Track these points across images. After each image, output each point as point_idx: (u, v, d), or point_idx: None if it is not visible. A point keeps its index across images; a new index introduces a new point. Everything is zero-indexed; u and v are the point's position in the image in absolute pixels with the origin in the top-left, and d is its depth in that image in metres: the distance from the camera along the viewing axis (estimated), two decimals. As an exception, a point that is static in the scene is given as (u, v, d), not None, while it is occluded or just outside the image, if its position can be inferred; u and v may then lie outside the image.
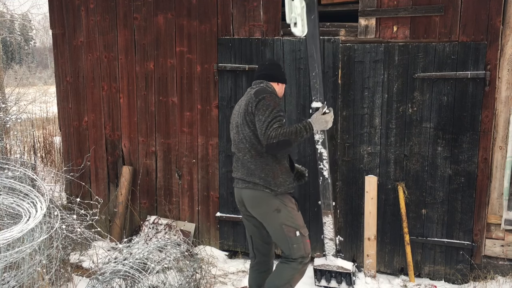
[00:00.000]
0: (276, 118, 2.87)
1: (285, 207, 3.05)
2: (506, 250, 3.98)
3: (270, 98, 2.92)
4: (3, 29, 23.06)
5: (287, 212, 3.05)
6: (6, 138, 7.13)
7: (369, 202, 4.13)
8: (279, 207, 3.03)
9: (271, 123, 2.84)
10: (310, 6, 2.36)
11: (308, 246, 3.12)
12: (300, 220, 3.13)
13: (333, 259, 3.87)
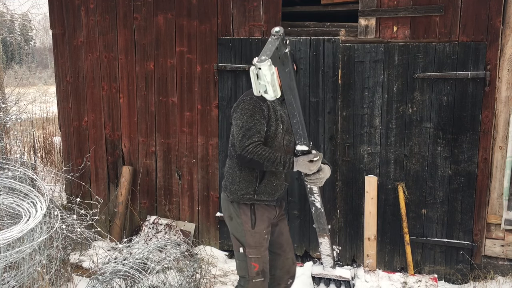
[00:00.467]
0: (252, 129, 2.55)
1: (237, 217, 2.76)
2: (506, 250, 3.98)
3: (250, 102, 2.59)
4: (3, 29, 23.07)
5: (236, 224, 2.78)
6: (6, 138, 7.13)
7: (369, 202, 4.13)
8: (231, 214, 2.80)
9: (248, 133, 2.54)
10: (283, 60, 2.11)
11: (252, 269, 2.73)
12: (252, 238, 2.73)
13: (331, 269, 3.83)
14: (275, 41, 2.00)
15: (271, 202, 2.81)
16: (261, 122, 2.58)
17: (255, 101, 2.57)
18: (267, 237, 2.81)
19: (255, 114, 2.57)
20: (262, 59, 1.91)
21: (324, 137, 4.24)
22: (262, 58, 1.91)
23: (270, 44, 2.00)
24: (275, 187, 2.78)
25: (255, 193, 2.72)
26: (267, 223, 2.79)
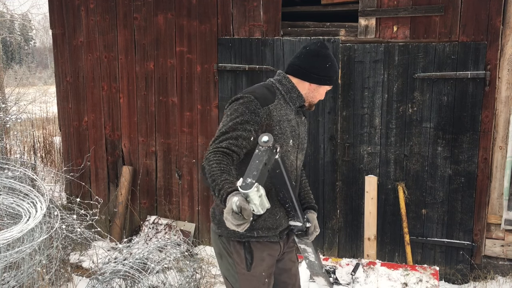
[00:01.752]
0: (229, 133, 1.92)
1: (228, 256, 2.13)
2: (506, 250, 3.98)
3: (246, 102, 1.98)
4: (3, 29, 23.07)
5: (227, 264, 2.15)
6: (6, 138, 7.13)
7: (369, 202, 4.13)
8: (221, 252, 2.16)
9: (222, 137, 1.93)
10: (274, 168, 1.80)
11: None
12: (247, 283, 2.12)
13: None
14: (262, 155, 1.67)
15: (273, 238, 2.15)
16: (247, 129, 1.93)
17: (251, 101, 1.97)
18: (268, 281, 2.18)
19: (244, 116, 1.94)
20: (247, 183, 1.59)
21: (324, 137, 4.24)
22: (247, 181, 1.59)
23: (257, 159, 1.67)
24: (278, 221, 2.12)
25: (250, 229, 2.05)
26: (268, 264, 2.16)
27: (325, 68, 2.10)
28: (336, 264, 3.90)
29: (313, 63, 2.10)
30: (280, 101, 2.08)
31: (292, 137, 2.09)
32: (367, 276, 4.02)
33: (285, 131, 2.05)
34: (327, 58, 2.11)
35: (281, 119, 2.04)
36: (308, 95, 2.16)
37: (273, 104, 2.03)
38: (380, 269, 4.03)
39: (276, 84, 2.13)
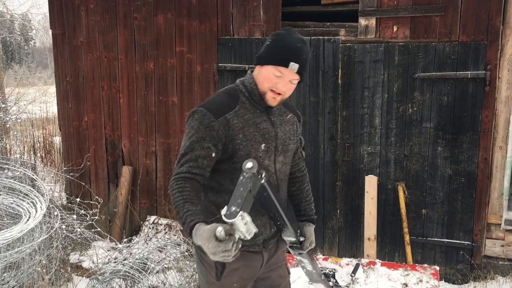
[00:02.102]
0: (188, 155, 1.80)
1: (201, 264, 2.01)
2: (506, 250, 3.98)
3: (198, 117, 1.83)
4: (3, 29, 23.07)
5: (200, 272, 2.04)
6: (6, 138, 7.13)
7: (369, 202, 4.13)
8: (196, 259, 2.06)
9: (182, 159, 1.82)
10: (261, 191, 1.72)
11: None
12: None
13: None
14: (247, 182, 1.58)
15: (253, 247, 1.96)
16: (204, 146, 1.79)
17: (204, 115, 1.82)
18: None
19: (199, 133, 1.80)
20: (232, 211, 1.50)
21: (324, 137, 4.24)
22: (232, 210, 1.51)
23: (242, 186, 1.58)
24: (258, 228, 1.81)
25: None
26: (242, 275, 1.97)
27: (268, 45, 1.84)
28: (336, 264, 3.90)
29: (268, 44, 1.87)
30: (245, 105, 1.89)
31: (265, 140, 1.89)
32: (367, 277, 4.02)
33: (252, 136, 1.86)
34: (278, 36, 1.84)
35: (245, 125, 1.86)
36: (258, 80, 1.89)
37: (232, 111, 1.85)
38: (380, 269, 4.03)
39: (240, 86, 1.96)
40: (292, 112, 2.09)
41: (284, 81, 1.83)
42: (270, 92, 1.85)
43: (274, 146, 1.93)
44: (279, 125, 1.97)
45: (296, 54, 1.81)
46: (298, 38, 1.84)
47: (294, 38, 1.83)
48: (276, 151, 1.94)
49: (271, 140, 1.91)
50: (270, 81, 1.83)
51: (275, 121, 1.95)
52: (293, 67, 1.79)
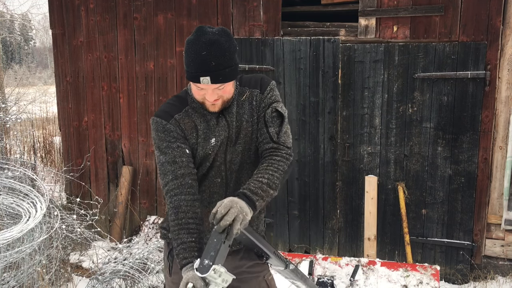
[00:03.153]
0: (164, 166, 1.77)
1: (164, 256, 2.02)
2: (506, 250, 3.98)
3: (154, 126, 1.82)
4: (3, 29, 23.07)
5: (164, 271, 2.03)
6: (6, 138, 7.13)
7: (369, 202, 4.13)
8: None
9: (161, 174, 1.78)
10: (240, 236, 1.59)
11: None
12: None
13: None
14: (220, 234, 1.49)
15: None
16: (174, 147, 1.76)
17: (157, 123, 1.80)
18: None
19: (162, 141, 1.77)
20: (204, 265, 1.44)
21: (324, 137, 4.24)
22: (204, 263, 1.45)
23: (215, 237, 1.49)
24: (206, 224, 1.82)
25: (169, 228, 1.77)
26: None
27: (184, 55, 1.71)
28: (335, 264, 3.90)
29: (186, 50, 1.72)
30: (194, 104, 1.82)
31: (214, 134, 1.80)
32: (366, 278, 4.01)
33: (202, 133, 1.80)
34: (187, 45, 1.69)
35: (197, 123, 1.81)
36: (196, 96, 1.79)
37: (182, 112, 1.81)
38: (380, 270, 4.03)
39: (189, 90, 1.86)
40: (252, 87, 1.87)
41: (209, 92, 1.70)
42: (206, 101, 1.76)
43: (226, 137, 1.81)
44: (233, 112, 1.82)
45: (202, 66, 1.63)
46: (204, 43, 1.63)
47: (199, 44, 1.63)
48: (230, 141, 1.82)
49: (222, 131, 1.81)
50: (198, 94, 1.75)
51: (228, 110, 1.82)
52: (204, 81, 1.65)
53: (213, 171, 1.84)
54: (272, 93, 1.86)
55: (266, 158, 1.77)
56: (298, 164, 4.34)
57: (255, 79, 1.89)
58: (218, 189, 1.86)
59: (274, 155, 1.77)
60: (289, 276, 2.10)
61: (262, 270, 1.96)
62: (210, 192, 1.86)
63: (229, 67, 1.66)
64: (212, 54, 1.63)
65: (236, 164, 1.85)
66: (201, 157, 1.81)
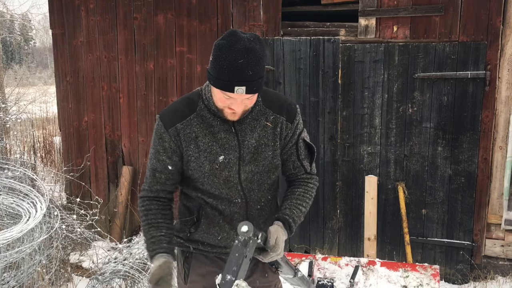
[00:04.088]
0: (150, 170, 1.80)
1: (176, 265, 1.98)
2: (506, 250, 3.98)
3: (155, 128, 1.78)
4: (3, 29, 23.06)
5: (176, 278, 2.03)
6: (6, 138, 7.13)
7: (369, 202, 4.13)
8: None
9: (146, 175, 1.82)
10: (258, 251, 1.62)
11: None
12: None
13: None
14: (242, 248, 1.50)
15: (218, 254, 1.91)
16: (160, 159, 1.75)
17: (158, 125, 1.76)
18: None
19: (155, 146, 1.77)
20: (227, 280, 1.45)
21: (324, 137, 4.24)
22: (227, 279, 1.45)
23: (237, 251, 1.50)
24: (220, 241, 1.88)
25: (188, 240, 1.91)
26: (210, 282, 1.86)
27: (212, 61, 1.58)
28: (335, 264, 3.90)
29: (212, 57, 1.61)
30: (203, 112, 1.72)
31: (224, 151, 1.72)
32: (366, 279, 4.01)
33: (208, 147, 1.71)
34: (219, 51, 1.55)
35: (199, 135, 1.71)
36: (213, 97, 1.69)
37: (185, 120, 1.71)
38: (380, 270, 4.02)
39: (203, 91, 1.75)
40: (277, 112, 1.80)
41: (237, 102, 1.61)
42: (227, 109, 1.66)
43: (237, 157, 1.74)
44: (248, 132, 1.74)
45: (239, 75, 1.53)
46: (240, 50, 1.52)
47: (235, 51, 1.52)
48: (242, 161, 1.75)
49: (232, 151, 1.73)
50: (223, 102, 1.64)
51: (241, 128, 1.73)
52: (239, 91, 1.55)
53: (231, 192, 1.79)
54: (300, 124, 1.86)
55: (301, 184, 1.90)
56: (298, 164, 4.34)
57: (280, 103, 1.81)
58: (238, 209, 1.83)
59: (309, 183, 1.90)
60: (296, 283, 2.10)
61: (273, 280, 1.98)
62: (231, 212, 1.83)
63: (262, 77, 1.58)
64: (250, 62, 1.52)
65: (254, 184, 1.82)
66: (208, 171, 1.74)
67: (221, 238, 1.86)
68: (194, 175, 1.76)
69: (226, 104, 1.64)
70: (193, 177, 1.78)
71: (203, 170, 1.74)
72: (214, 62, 1.56)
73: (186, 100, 1.77)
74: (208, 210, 1.83)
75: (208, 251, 1.89)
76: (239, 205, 1.82)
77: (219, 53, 1.54)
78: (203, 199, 1.82)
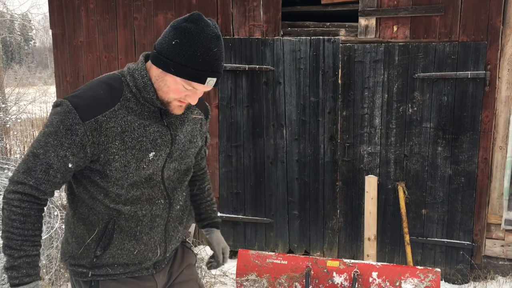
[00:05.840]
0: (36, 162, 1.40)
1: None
2: (506, 250, 3.98)
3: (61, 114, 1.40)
4: (3, 29, 23.07)
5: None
6: (6, 138, 7.13)
7: (369, 202, 4.13)
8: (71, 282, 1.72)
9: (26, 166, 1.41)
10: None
11: None
12: None
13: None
14: None
15: (139, 272, 1.64)
16: (59, 155, 1.40)
17: (68, 113, 1.39)
18: None
19: (57, 136, 1.40)
20: None
21: (324, 137, 4.24)
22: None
23: None
24: (136, 256, 1.60)
25: (92, 267, 1.58)
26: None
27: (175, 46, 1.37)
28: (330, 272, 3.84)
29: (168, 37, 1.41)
30: (129, 103, 1.46)
31: (156, 147, 1.50)
32: None
33: (137, 143, 1.46)
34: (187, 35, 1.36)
35: (127, 129, 1.44)
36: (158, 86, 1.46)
37: (108, 111, 1.42)
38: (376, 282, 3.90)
39: (126, 78, 1.48)
40: (199, 107, 1.67)
41: (196, 94, 1.46)
42: (176, 102, 1.48)
43: (167, 153, 1.54)
44: (178, 126, 1.56)
45: (214, 65, 1.38)
46: (212, 37, 1.37)
47: (208, 38, 1.36)
48: (169, 157, 1.56)
49: (164, 146, 1.53)
50: (178, 93, 1.44)
51: (172, 121, 1.54)
52: (210, 82, 1.40)
53: (153, 192, 1.56)
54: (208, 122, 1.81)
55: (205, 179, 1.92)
56: (298, 164, 4.34)
57: (202, 101, 1.70)
58: (161, 211, 1.60)
59: (206, 174, 1.94)
60: None
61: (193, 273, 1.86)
62: (152, 216, 1.57)
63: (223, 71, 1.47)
64: (221, 51, 1.39)
65: (174, 182, 1.63)
66: (133, 171, 1.47)
67: (137, 253, 1.58)
68: (114, 176, 1.46)
69: (180, 96, 1.45)
70: (110, 179, 1.47)
71: (127, 170, 1.46)
72: (180, 47, 1.35)
73: (107, 87, 1.46)
74: (122, 222, 1.53)
75: (119, 273, 1.59)
76: (162, 207, 1.59)
77: (188, 38, 1.35)
78: (115, 209, 1.51)
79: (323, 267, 3.63)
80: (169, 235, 1.66)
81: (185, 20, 1.38)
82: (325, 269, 3.62)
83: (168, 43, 1.38)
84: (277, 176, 4.42)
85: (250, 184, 4.50)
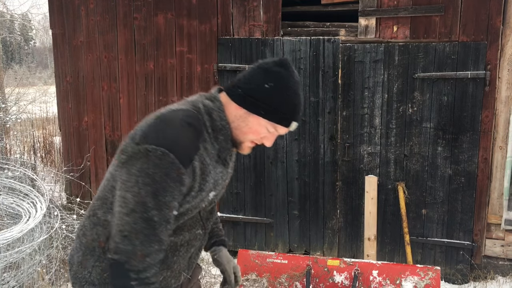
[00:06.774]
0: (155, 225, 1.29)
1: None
2: (506, 250, 3.98)
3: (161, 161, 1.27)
4: (3, 29, 23.06)
5: None
6: (6, 138, 7.13)
7: (369, 202, 4.13)
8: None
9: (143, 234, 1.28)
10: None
11: None
12: None
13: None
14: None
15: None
16: (172, 206, 1.31)
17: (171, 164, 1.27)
18: None
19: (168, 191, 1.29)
20: None
21: (324, 137, 4.24)
22: None
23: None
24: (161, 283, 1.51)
25: None
26: None
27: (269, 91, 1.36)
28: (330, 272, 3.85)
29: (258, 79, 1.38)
30: (206, 143, 1.39)
31: (216, 188, 1.46)
32: None
33: (206, 186, 1.40)
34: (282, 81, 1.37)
35: (204, 171, 1.38)
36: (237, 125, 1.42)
37: (198, 152, 1.35)
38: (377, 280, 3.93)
39: (204, 117, 1.40)
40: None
41: (274, 136, 1.45)
42: (249, 143, 1.46)
43: (217, 193, 1.51)
44: (231, 163, 1.56)
45: (300, 110, 1.43)
46: (298, 80, 1.42)
47: (297, 82, 1.40)
48: (217, 197, 1.53)
49: (221, 186, 1.51)
50: (257, 134, 1.42)
51: (229, 159, 1.51)
52: (293, 126, 1.41)
53: (193, 222, 1.50)
54: None
55: None
56: (298, 164, 4.34)
57: None
58: (197, 242, 1.56)
59: None
60: None
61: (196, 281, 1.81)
62: (189, 246, 1.53)
63: None
64: (302, 97, 1.44)
65: (207, 212, 1.58)
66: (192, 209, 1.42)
67: (162, 280, 1.51)
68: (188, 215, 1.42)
69: (257, 137, 1.43)
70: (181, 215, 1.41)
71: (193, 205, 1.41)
72: (273, 91, 1.35)
73: (191, 128, 1.36)
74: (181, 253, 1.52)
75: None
76: (199, 237, 1.56)
77: (281, 83, 1.36)
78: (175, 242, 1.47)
79: (323, 266, 3.63)
80: (192, 262, 1.62)
81: (275, 64, 1.39)
82: (325, 268, 3.63)
83: (259, 86, 1.36)
84: (277, 176, 4.42)
85: (250, 184, 4.50)
